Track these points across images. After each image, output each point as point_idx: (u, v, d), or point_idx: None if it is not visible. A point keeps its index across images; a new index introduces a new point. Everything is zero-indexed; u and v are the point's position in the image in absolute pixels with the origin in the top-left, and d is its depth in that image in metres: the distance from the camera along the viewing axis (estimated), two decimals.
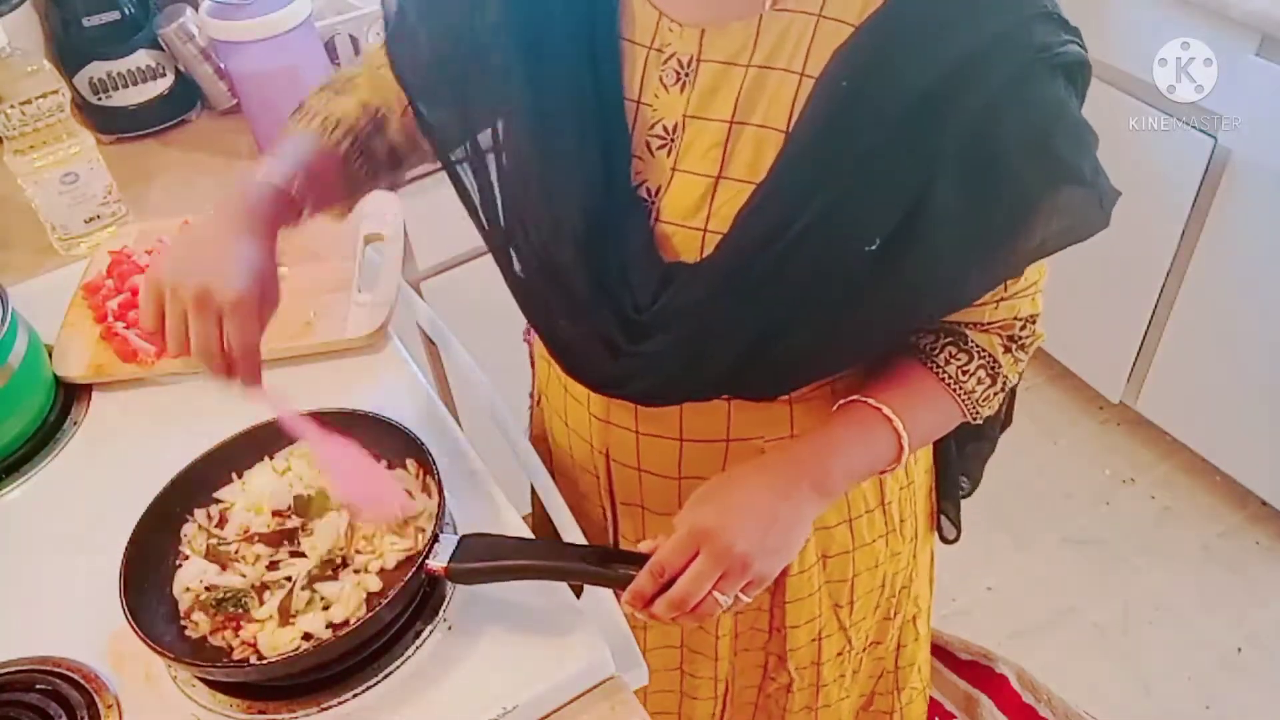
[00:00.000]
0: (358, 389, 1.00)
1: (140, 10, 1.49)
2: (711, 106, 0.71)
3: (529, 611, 0.80)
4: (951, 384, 0.80)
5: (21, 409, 0.99)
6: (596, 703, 0.78)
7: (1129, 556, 1.98)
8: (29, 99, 1.18)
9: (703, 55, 0.71)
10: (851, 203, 0.67)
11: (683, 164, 0.72)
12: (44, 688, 0.78)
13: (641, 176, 0.74)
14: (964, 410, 0.82)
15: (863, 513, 0.93)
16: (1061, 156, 0.68)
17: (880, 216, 0.67)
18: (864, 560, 0.97)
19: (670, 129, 0.73)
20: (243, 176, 0.80)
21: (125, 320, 1.06)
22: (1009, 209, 0.69)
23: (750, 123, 0.70)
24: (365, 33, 1.49)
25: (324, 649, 0.73)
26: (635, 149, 0.74)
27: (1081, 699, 1.74)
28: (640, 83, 0.73)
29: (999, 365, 0.81)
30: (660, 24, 0.72)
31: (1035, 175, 0.68)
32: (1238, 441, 1.95)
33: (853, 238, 0.68)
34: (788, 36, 0.68)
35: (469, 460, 0.93)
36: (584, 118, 0.73)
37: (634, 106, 0.73)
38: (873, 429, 0.78)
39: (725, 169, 0.71)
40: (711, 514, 0.72)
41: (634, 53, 0.73)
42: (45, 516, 0.94)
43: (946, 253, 0.69)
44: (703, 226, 0.72)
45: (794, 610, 0.97)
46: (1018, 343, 0.82)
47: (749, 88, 0.69)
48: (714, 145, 0.71)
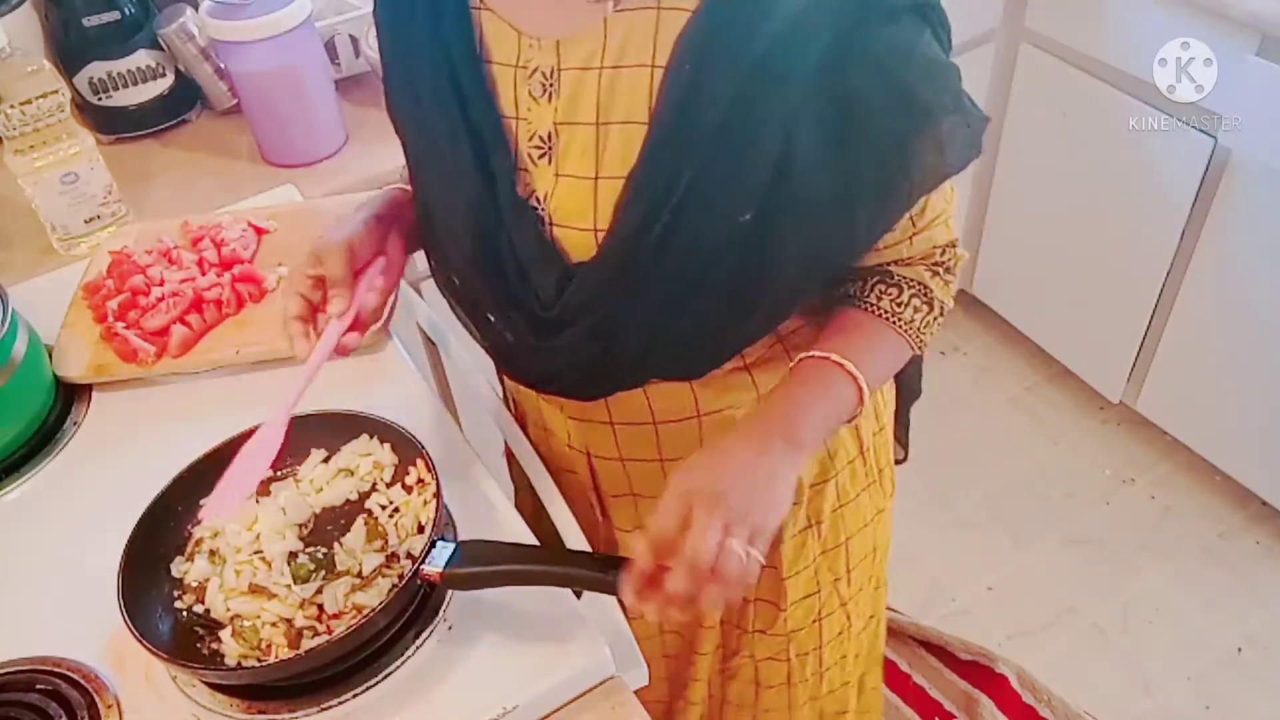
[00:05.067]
0: (358, 389, 1.00)
1: (140, 10, 1.49)
2: (577, 111, 0.74)
3: (529, 612, 0.80)
4: (890, 318, 0.83)
5: (21, 409, 0.99)
6: (596, 703, 0.78)
7: (1129, 556, 1.98)
8: (29, 99, 1.18)
9: (562, 65, 0.74)
10: (715, 177, 0.70)
11: (563, 169, 0.76)
12: (44, 688, 0.78)
13: (530, 187, 0.78)
14: (909, 341, 0.84)
15: (845, 464, 0.96)
16: (918, 95, 0.72)
17: (746, 185, 0.71)
18: (853, 519, 0.99)
19: (546, 138, 0.76)
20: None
21: (125, 320, 1.06)
22: (877, 154, 0.73)
23: (614, 121, 0.73)
24: (365, 33, 1.49)
25: (320, 653, 0.73)
26: (520, 161, 0.78)
27: (1081, 699, 1.74)
28: (514, 99, 0.77)
29: (930, 290, 0.84)
30: (521, 42, 0.76)
31: (896, 118, 0.72)
32: (1238, 441, 1.95)
33: (725, 210, 0.72)
34: (633, 33, 0.71)
35: (469, 460, 0.93)
36: (457, 140, 0.78)
37: (513, 123, 0.78)
38: (831, 379, 0.79)
39: (600, 169, 0.74)
40: (695, 476, 0.72)
41: (502, 73, 0.77)
42: (45, 516, 0.94)
43: (826, 208, 0.73)
44: (592, 226, 0.75)
45: (793, 585, 0.98)
46: (943, 267, 0.85)
47: (606, 88, 0.73)
48: (586, 148, 0.74)
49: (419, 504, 0.84)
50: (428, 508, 0.82)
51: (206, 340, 1.06)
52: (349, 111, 1.53)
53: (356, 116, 1.53)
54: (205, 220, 1.20)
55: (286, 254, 1.15)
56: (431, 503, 0.81)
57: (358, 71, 1.56)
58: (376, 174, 1.42)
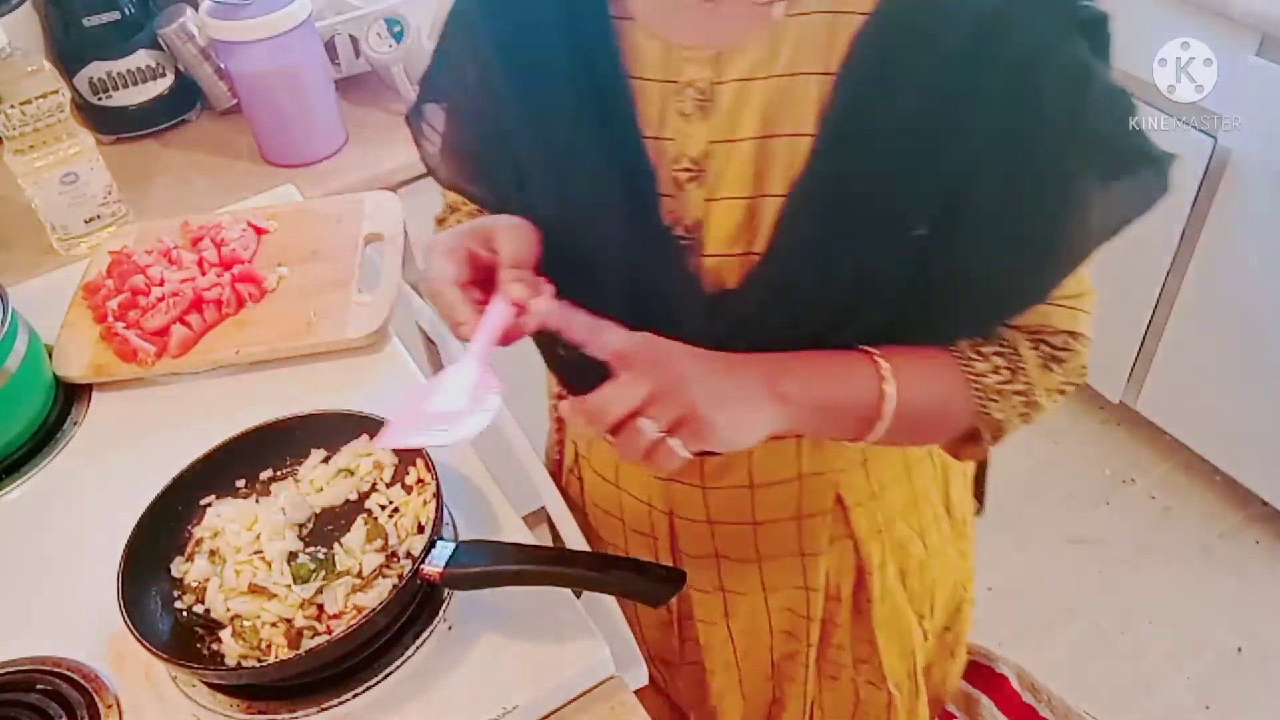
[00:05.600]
0: (358, 389, 1.00)
1: (140, 10, 1.49)
2: (737, 127, 0.68)
3: (529, 612, 0.80)
4: (961, 358, 0.73)
5: (21, 409, 0.99)
6: (596, 703, 0.78)
7: (1129, 556, 1.98)
8: (29, 99, 1.18)
9: (720, 77, 0.68)
10: (890, 186, 0.65)
11: (717, 192, 0.69)
12: (44, 688, 0.78)
13: (676, 214, 0.71)
14: (973, 394, 0.74)
15: (931, 520, 0.92)
16: (1096, 129, 0.65)
17: (923, 196, 0.64)
18: (939, 568, 0.95)
19: (697, 159, 0.70)
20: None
21: (125, 320, 1.06)
22: (1046, 190, 0.65)
23: (781, 134, 0.67)
24: (365, 33, 1.49)
25: (320, 653, 0.73)
26: (663, 187, 0.71)
27: (1081, 699, 1.74)
28: (659, 117, 0.70)
29: (1021, 359, 0.73)
30: (670, 55, 0.69)
31: (1071, 151, 0.65)
32: (1238, 441, 1.95)
33: (899, 221, 0.65)
34: (805, 38, 0.65)
35: (469, 460, 0.93)
36: (602, 165, 0.70)
37: (656, 144, 0.70)
38: (853, 361, 0.72)
39: (761, 187, 0.68)
40: (660, 346, 0.67)
41: (646, 90, 0.70)
42: (45, 516, 0.94)
43: (997, 235, 0.66)
44: (745, 250, 0.69)
45: (883, 636, 0.94)
46: (1049, 346, 0.74)
47: (773, 98, 0.66)
48: (746, 166, 0.68)
49: (419, 504, 0.84)
50: (427, 508, 0.82)
51: (206, 340, 1.06)
52: (349, 111, 1.53)
53: (356, 116, 1.53)
54: (205, 220, 1.20)
55: (286, 254, 1.15)
56: (431, 503, 0.81)
57: (358, 71, 1.56)
58: (376, 174, 1.42)
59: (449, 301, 0.70)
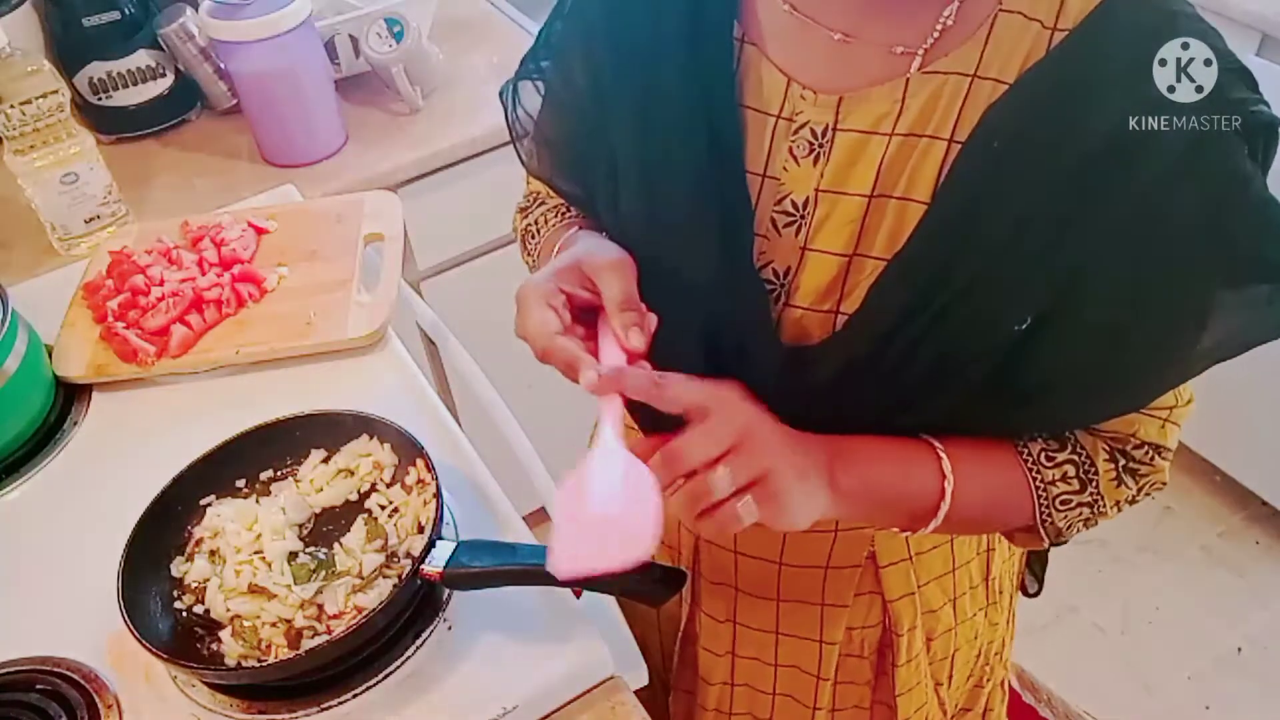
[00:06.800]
0: (358, 389, 1.00)
1: (140, 10, 1.49)
2: (849, 179, 0.64)
3: (529, 611, 0.80)
4: (1030, 463, 0.70)
5: (21, 409, 0.99)
6: (596, 703, 0.78)
7: (1129, 556, 1.98)
8: (29, 99, 1.18)
9: (840, 124, 0.64)
10: (1001, 276, 0.60)
11: (814, 242, 0.66)
12: (44, 688, 0.78)
13: (767, 257, 0.68)
14: (1034, 500, 0.70)
15: (966, 589, 0.88)
16: (1237, 242, 0.60)
17: (1032, 292, 0.60)
18: (964, 635, 0.91)
19: (800, 204, 0.66)
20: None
21: (125, 320, 1.06)
22: (1170, 300, 0.61)
23: (892, 195, 0.63)
24: (365, 33, 1.49)
25: (320, 653, 0.73)
26: (759, 227, 0.67)
27: (1081, 699, 1.74)
28: (767, 155, 0.67)
29: (1095, 471, 0.70)
30: (790, 90, 0.66)
31: (1204, 263, 0.60)
32: (1238, 441, 1.95)
33: (1002, 315, 0.61)
34: (937, 100, 0.61)
35: (469, 461, 0.93)
36: (700, 192, 0.67)
37: (758, 180, 0.67)
38: (916, 456, 0.69)
39: (861, 246, 0.64)
40: (743, 409, 0.63)
41: (759, 122, 0.67)
42: (45, 516, 0.94)
43: (1103, 339, 0.61)
44: (834, 309, 0.66)
45: (905, 702, 0.91)
46: (1128, 459, 0.70)
47: (892, 158, 0.63)
48: (850, 221, 0.64)
49: (419, 504, 0.84)
50: (427, 508, 0.82)
51: (206, 340, 1.06)
52: (349, 111, 1.53)
53: (356, 117, 1.53)
54: (205, 220, 1.20)
55: (286, 254, 1.15)
56: (431, 503, 0.81)
57: (358, 71, 1.56)
58: (376, 174, 1.42)
59: (564, 356, 0.65)
